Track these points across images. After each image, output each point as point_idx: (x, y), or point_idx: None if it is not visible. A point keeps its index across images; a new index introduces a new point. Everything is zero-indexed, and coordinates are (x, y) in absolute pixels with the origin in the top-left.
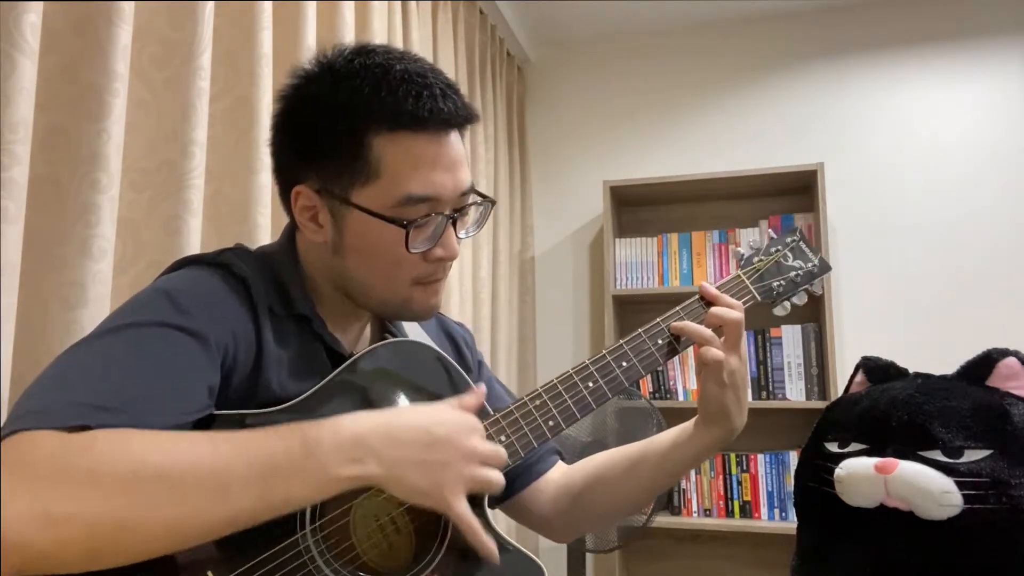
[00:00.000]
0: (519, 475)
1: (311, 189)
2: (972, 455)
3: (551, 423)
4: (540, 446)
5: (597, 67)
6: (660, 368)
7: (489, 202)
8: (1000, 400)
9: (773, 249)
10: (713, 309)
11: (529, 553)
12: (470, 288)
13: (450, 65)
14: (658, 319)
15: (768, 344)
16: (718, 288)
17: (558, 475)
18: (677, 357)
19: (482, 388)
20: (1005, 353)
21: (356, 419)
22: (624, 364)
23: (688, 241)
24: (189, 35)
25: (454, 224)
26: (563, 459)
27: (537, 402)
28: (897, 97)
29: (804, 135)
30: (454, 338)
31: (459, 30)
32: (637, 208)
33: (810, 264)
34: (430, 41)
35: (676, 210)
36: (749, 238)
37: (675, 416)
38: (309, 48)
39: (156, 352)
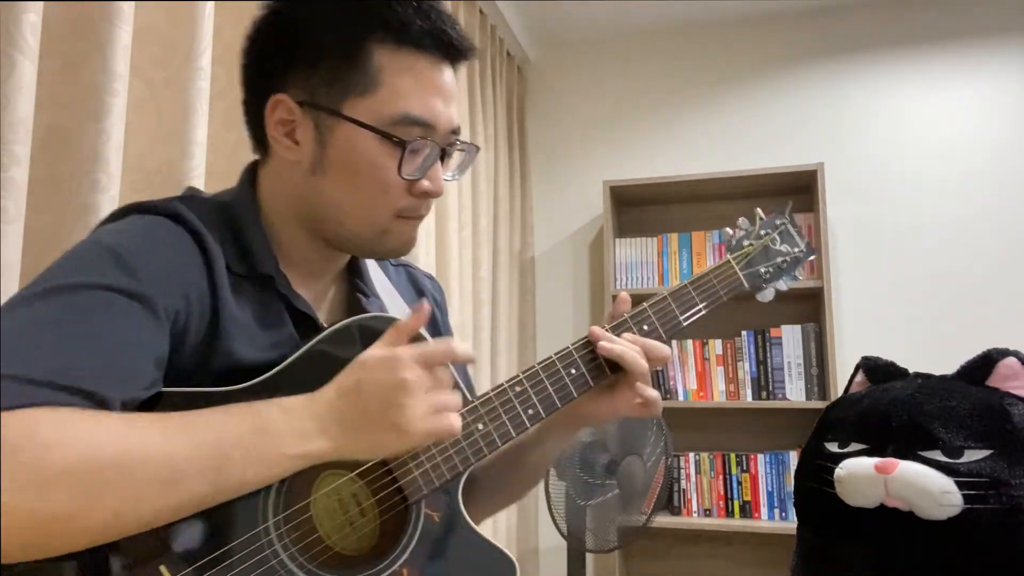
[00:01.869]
0: None
1: (293, 100)
2: (972, 455)
3: (530, 411)
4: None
5: (597, 67)
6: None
7: (473, 147)
8: (1000, 400)
9: (763, 232)
10: (656, 353)
11: (501, 547)
12: (470, 288)
13: None
14: (626, 317)
15: (768, 344)
16: (705, 273)
17: None
18: (677, 357)
19: (424, 307)
20: (1005, 353)
21: (304, 397)
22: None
23: (688, 241)
24: (189, 35)
25: (441, 160)
26: None
27: (517, 388)
28: (897, 97)
29: (804, 135)
30: (423, 293)
31: None
32: (637, 208)
33: (796, 249)
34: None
35: (676, 210)
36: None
37: (675, 416)
38: None
39: (99, 321)
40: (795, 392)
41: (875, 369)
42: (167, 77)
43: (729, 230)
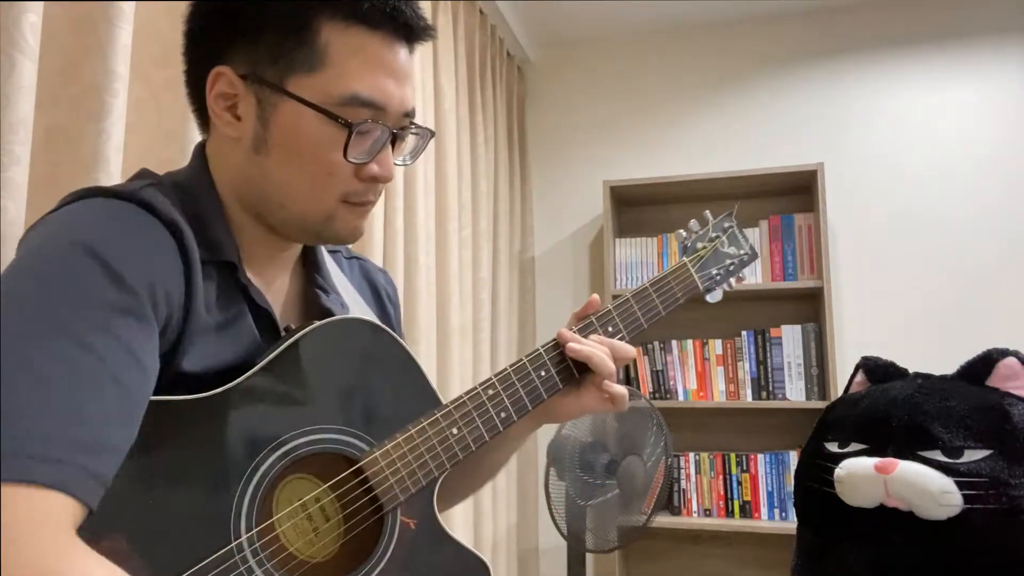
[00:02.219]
0: None
1: (235, 73)
2: (972, 455)
3: (503, 415)
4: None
5: (597, 67)
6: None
7: (428, 131)
8: (1000, 400)
9: (713, 235)
10: (612, 347)
11: (475, 551)
12: (470, 288)
13: (450, 65)
14: (592, 319)
15: (768, 344)
16: (664, 276)
17: None
18: (677, 357)
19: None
20: (1005, 353)
21: None
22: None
23: None
24: None
25: (393, 144)
26: None
27: (491, 391)
28: (897, 97)
29: (804, 135)
30: (377, 288)
31: (459, 30)
32: (637, 208)
33: (743, 252)
34: (430, 41)
35: (676, 210)
36: (748, 239)
37: (675, 416)
38: None
39: (109, 358)
40: (795, 392)
41: (875, 369)
42: (167, 77)
43: (683, 232)
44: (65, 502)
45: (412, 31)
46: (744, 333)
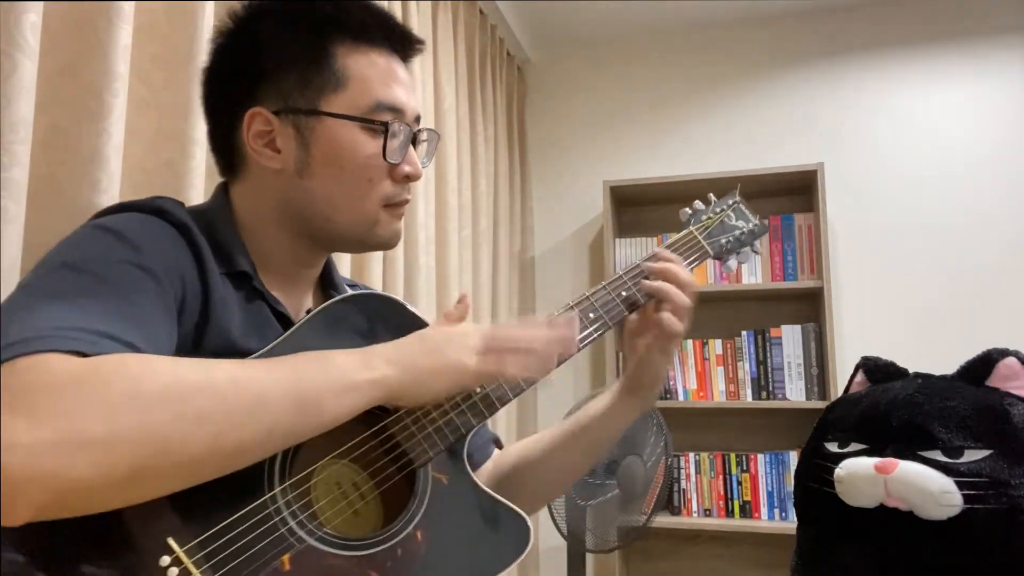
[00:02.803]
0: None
1: (268, 111)
2: (972, 455)
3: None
4: (479, 435)
5: (597, 67)
6: (620, 322)
7: (435, 135)
8: (1000, 400)
9: (718, 208)
10: (675, 273)
11: (513, 505)
12: (470, 288)
13: (450, 65)
14: (621, 273)
15: (768, 344)
16: (672, 243)
17: (493, 463)
18: (677, 357)
19: (467, 301)
20: (1005, 353)
21: (378, 347)
22: (591, 315)
23: None
24: (189, 35)
25: (414, 144)
26: (499, 447)
27: None
28: (897, 97)
29: (804, 135)
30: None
31: (459, 30)
32: (637, 208)
33: (752, 224)
34: (430, 41)
35: (676, 210)
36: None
37: (675, 416)
38: None
39: (128, 287)
40: (795, 392)
41: (875, 369)
42: (167, 77)
43: (687, 210)
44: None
45: (405, 44)
46: (744, 333)
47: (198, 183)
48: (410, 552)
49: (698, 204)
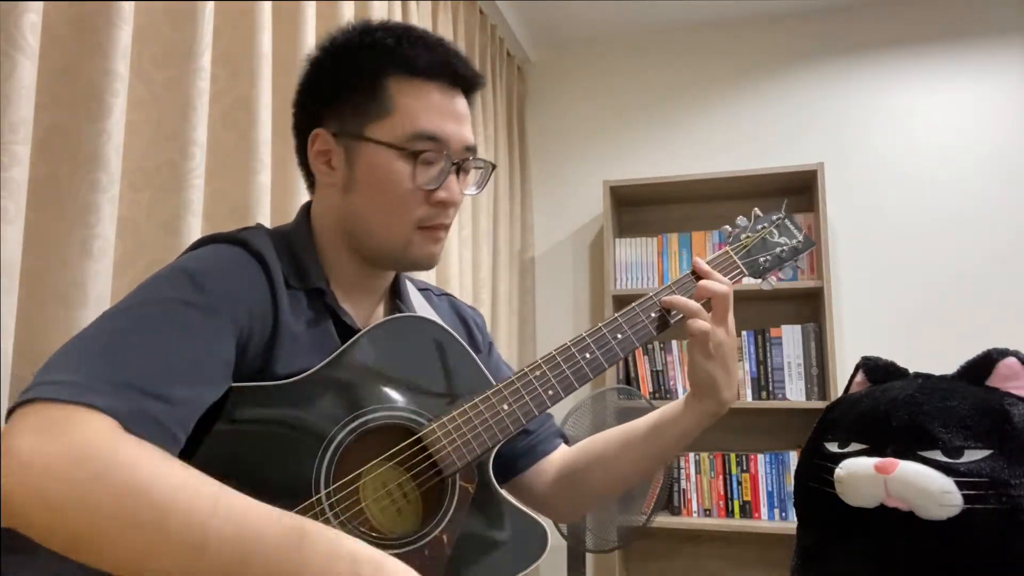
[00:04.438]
0: (524, 455)
1: (328, 132)
2: (972, 455)
3: (551, 392)
4: (545, 427)
5: (597, 67)
6: (654, 339)
7: (490, 165)
8: (1000, 400)
9: (760, 226)
10: (701, 282)
11: (532, 513)
12: (470, 288)
13: None
14: (651, 294)
15: (768, 344)
16: (708, 263)
17: (560, 457)
18: (677, 358)
19: None
20: (1005, 353)
21: (358, 543)
22: (619, 336)
23: (688, 241)
24: (189, 35)
25: (457, 173)
26: (567, 443)
27: (537, 372)
28: (897, 97)
29: (804, 135)
30: (465, 320)
31: (459, 30)
32: (637, 208)
33: (795, 240)
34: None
35: (676, 210)
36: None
37: None
38: (309, 48)
39: (170, 328)
40: (795, 392)
41: (875, 369)
42: (167, 77)
43: (728, 227)
44: (109, 421)
45: (465, 80)
46: (744, 333)
47: (198, 183)
48: (436, 554)
49: (741, 220)
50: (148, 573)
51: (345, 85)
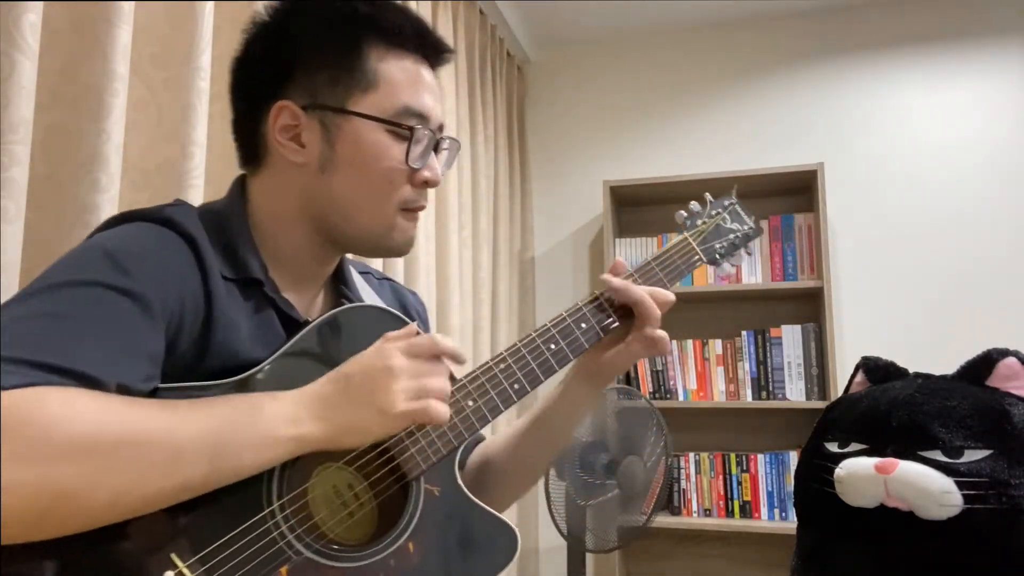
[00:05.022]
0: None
1: (296, 105)
2: (972, 455)
3: (516, 386)
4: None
5: (597, 67)
6: (615, 327)
7: (456, 143)
8: (1000, 400)
9: (714, 212)
10: (657, 291)
11: (501, 516)
12: (470, 288)
13: (450, 65)
14: (599, 292)
15: (768, 344)
16: (667, 250)
17: (469, 464)
18: (677, 357)
19: (412, 326)
20: (1005, 353)
21: (297, 389)
22: (583, 325)
23: None
24: (189, 35)
25: (435, 151)
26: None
27: (502, 366)
28: (897, 97)
29: (804, 135)
30: (407, 307)
31: (459, 30)
32: (637, 208)
33: (746, 227)
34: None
35: (676, 210)
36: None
37: (675, 416)
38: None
39: (94, 313)
40: (795, 392)
41: (875, 369)
42: (167, 77)
43: (683, 212)
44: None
45: (436, 52)
46: (744, 333)
47: (198, 183)
48: (403, 563)
49: (694, 205)
50: (127, 511)
51: (319, 53)
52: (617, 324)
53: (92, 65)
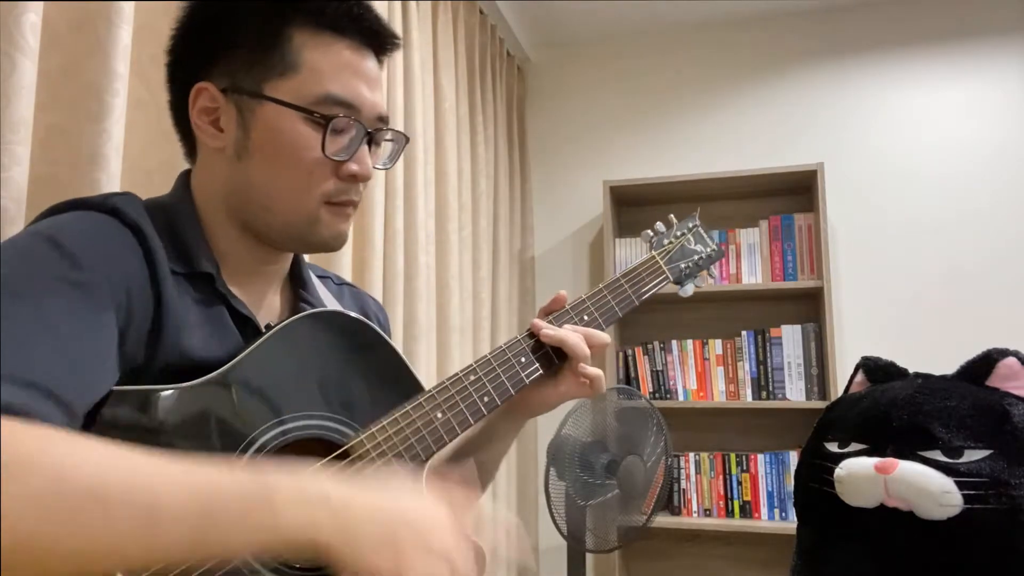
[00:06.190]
0: None
1: (215, 87)
2: (972, 455)
3: (486, 399)
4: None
5: (597, 67)
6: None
7: (403, 137)
8: (1000, 400)
9: (679, 232)
10: (592, 333)
11: (471, 532)
12: (470, 288)
13: (450, 65)
14: (567, 307)
15: (768, 344)
16: (634, 268)
17: None
18: (677, 357)
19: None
20: (1005, 353)
21: (323, 479)
22: (523, 359)
23: None
24: None
25: (369, 144)
26: None
27: (472, 378)
28: (897, 97)
29: (804, 135)
30: (367, 314)
31: (459, 30)
32: (637, 208)
33: (709, 249)
34: (430, 41)
35: (676, 210)
36: (748, 239)
37: (675, 416)
38: None
39: (52, 313)
40: (795, 392)
41: (875, 369)
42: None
43: (649, 232)
44: None
45: (377, 38)
46: (744, 333)
47: None
48: None
49: (659, 226)
50: (109, 568)
51: (238, 32)
52: (541, 373)
53: (92, 65)
